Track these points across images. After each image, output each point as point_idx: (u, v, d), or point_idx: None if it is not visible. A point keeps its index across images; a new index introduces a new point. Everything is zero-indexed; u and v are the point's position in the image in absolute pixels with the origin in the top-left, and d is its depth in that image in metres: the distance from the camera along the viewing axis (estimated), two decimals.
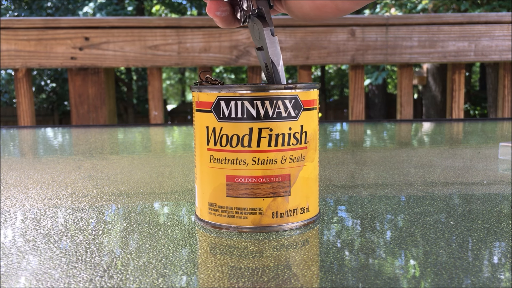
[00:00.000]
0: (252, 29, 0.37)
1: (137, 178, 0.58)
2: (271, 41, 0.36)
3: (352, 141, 1.00)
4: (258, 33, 0.37)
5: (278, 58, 0.36)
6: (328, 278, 0.29)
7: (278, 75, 0.36)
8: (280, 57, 0.36)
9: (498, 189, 0.51)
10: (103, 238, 0.36)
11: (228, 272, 0.30)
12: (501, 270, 0.30)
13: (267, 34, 0.36)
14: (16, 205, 0.46)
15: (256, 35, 0.37)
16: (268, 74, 0.37)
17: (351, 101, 1.52)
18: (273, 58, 0.36)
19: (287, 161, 0.36)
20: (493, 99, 4.38)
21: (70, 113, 1.52)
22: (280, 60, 0.36)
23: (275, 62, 0.36)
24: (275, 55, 0.36)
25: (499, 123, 1.22)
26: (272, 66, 0.36)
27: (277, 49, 0.36)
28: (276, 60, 0.36)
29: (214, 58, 1.44)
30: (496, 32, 1.47)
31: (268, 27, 0.36)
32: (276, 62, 0.36)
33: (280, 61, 0.36)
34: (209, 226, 0.38)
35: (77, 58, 1.43)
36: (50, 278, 0.29)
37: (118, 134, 1.12)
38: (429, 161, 0.67)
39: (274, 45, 0.36)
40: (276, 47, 0.36)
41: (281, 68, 0.37)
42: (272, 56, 0.36)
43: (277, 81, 0.37)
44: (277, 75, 0.36)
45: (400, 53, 1.47)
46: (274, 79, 0.37)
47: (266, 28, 0.36)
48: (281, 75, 0.37)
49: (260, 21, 0.36)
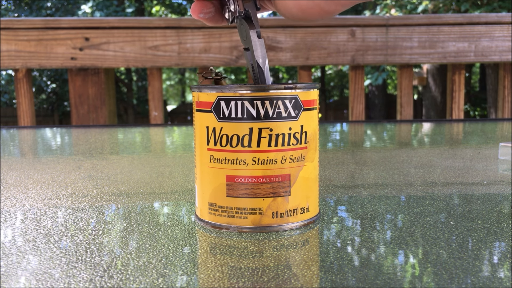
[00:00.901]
0: (240, 29, 0.38)
1: (137, 178, 0.58)
2: (256, 43, 0.37)
3: (352, 142, 1.00)
4: (245, 34, 0.37)
5: (264, 60, 0.37)
6: (328, 278, 0.29)
7: (263, 77, 0.37)
8: (266, 59, 0.37)
9: (498, 189, 0.51)
10: (103, 238, 0.36)
11: (228, 272, 0.30)
12: (501, 270, 0.30)
13: (253, 36, 0.37)
14: (16, 205, 0.46)
15: (243, 36, 0.38)
16: (254, 75, 0.37)
17: (351, 101, 1.52)
18: (259, 60, 0.37)
19: (287, 161, 0.36)
20: (493, 99, 4.38)
21: (70, 113, 1.52)
22: (266, 62, 0.37)
23: (261, 64, 0.37)
24: (261, 57, 0.37)
25: (499, 124, 1.22)
26: (257, 68, 0.37)
27: (263, 51, 0.37)
28: (261, 62, 0.37)
29: (214, 58, 1.44)
30: (496, 32, 1.47)
31: (254, 29, 0.37)
32: (262, 64, 0.37)
33: (266, 63, 0.37)
34: (209, 226, 0.38)
35: (77, 59, 1.43)
36: (50, 278, 0.29)
37: (118, 134, 1.12)
38: (429, 161, 0.67)
39: (260, 47, 0.37)
40: (262, 49, 0.37)
41: (267, 70, 0.37)
42: (257, 58, 0.37)
43: (262, 82, 0.37)
44: (262, 76, 0.37)
45: (400, 53, 1.47)
46: (259, 80, 0.37)
47: (252, 30, 0.37)
48: (266, 76, 0.37)
49: (247, 23, 0.37)
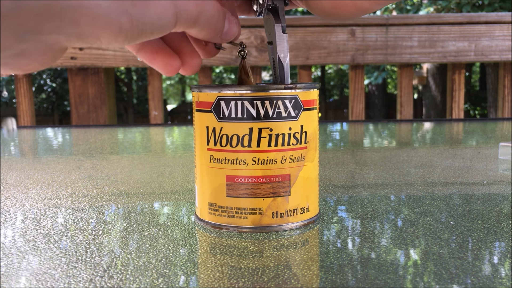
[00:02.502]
0: (266, 22, 0.38)
1: (137, 178, 0.58)
2: (280, 38, 0.37)
3: (352, 141, 1.00)
4: (270, 27, 0.38)
5: (285, 55, 0.37)
6: (328, 278, 0.29)
7: (283, 72, 0.37)
8: (287, 54, 0.37)
9: (498, 189, 0.51)
10: (103, 238, 0.36)
11: (228, 272, 0.30)
12: (501, 270, 0.30)
13: (277, 30, 0.37)
14: (16, 205, 0.46)
15: (268, 29, 0.38)
16: (274, 69, 0.38)
17: (351, 101, 1.52)
18: (280, 54, 0.37)
19: (287, 161, 0.36)
20: (493, 99, 4.37)
21: (70, 113, 1.52)
22: (287, 58, 0.37)
23: (282, 59, 0.37)
24: (283, 51, 0.37)
25: (499, 123, 1.22)
26: (278, 62, 0.37)
27: (286, 46, 0.37)
28: (283, 57, 0.37)
29: (214, 58, 1.44)
30: (496, 32, 1.47)
31: (279, 24, 0.37)
32: (283, 59, 0.37)
33: (287, 58, 0.37)
34: (209, 226, 0.38)
35: (77, 58, 1.43)
36: (50, 278, 0.29)
37: (118, 134, 1.12)
38: (429, 161, 0.67)
39: (283, 42, 0.37)
40: (284, 44, 0.37)
41: (287, 65, 0.37)
42: (279, 52, 0.37)
43: (281, 77, 0.37)
44: (282, 72, 0.37)
45: (400, 53, 1.47)
46: (278, 75, 0.37)
47: (278, 25, 0.37)
48: (286, 71, 0.37)
49: (273, 17, 0.37)
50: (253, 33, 1.44)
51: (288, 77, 0.37)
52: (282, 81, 0.37)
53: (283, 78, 0.37)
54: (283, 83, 0.36)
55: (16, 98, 1.49)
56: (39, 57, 0.23)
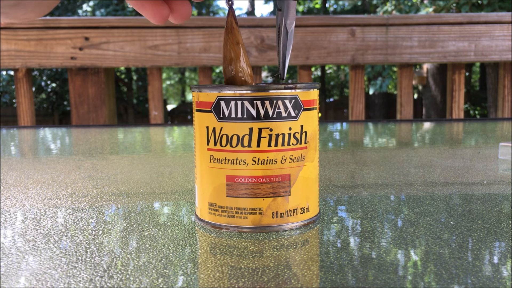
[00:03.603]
0: None
1: (137, 178, 0.58)
2: (289, 4, 0.37)
3: (352, 141, 1.00)
4: None
5: (291, 22, 0.37)
6: (328, 278, 0.29)
7: (285, 39, 0.37)
8: (293, 21, 0.37)
9: (498, 189, 0.51)
10: (103, 238, 0.36)
11: (228, 272, 0.30)
12: (501, 270, 0.30)
13: None
14: (16, 205, 0.46)
15: None
16: (279, 36, 0.38)
17: (351, 101, 1.52)
18: (286, 21, 0.37)
19: (287, 161, 0.36)
20: (493, 99, 4.37)
21: (70, 113, 1.52)
22: (292, 25, 0.37)
23: (287, 25, 0.37)
24: (289, 18, 0.37)
25: (499, 123, 1.22)
26: (283, 28, 0.37)
27: (293, 13, 0.37)
28: (288, 23, 0.37)
29: (214, 58, 1.44)
30: (496, 32, 1.47)
31: None
32: (288, 25, 0.37)
33: (292, 25, 0.37)
34: (209, 226, 0.38)
35: (77, 58, 1.43)
36: (50, 278, 0.29)
37: (118, 134, 1.12)
38: (429, 161, 0.67)
39: (291, 8, 0.37)
40: (292, 11, 0.37)
41: (291, 32, 0.37)
42: (285, 18, 0.37)
43: (284, 44, 0.37)
44: (285, 38, 0.37)
45: (400, 53, 1.47)
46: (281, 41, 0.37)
47: None
48: (289, 39, 0.37)
49: None
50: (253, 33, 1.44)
51: (290, 45, 0.38)
52: (284, 47, 0.37)
53: (285, 44, 0.37)
54: (285, 49, 0.37)
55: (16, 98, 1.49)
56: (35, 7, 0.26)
